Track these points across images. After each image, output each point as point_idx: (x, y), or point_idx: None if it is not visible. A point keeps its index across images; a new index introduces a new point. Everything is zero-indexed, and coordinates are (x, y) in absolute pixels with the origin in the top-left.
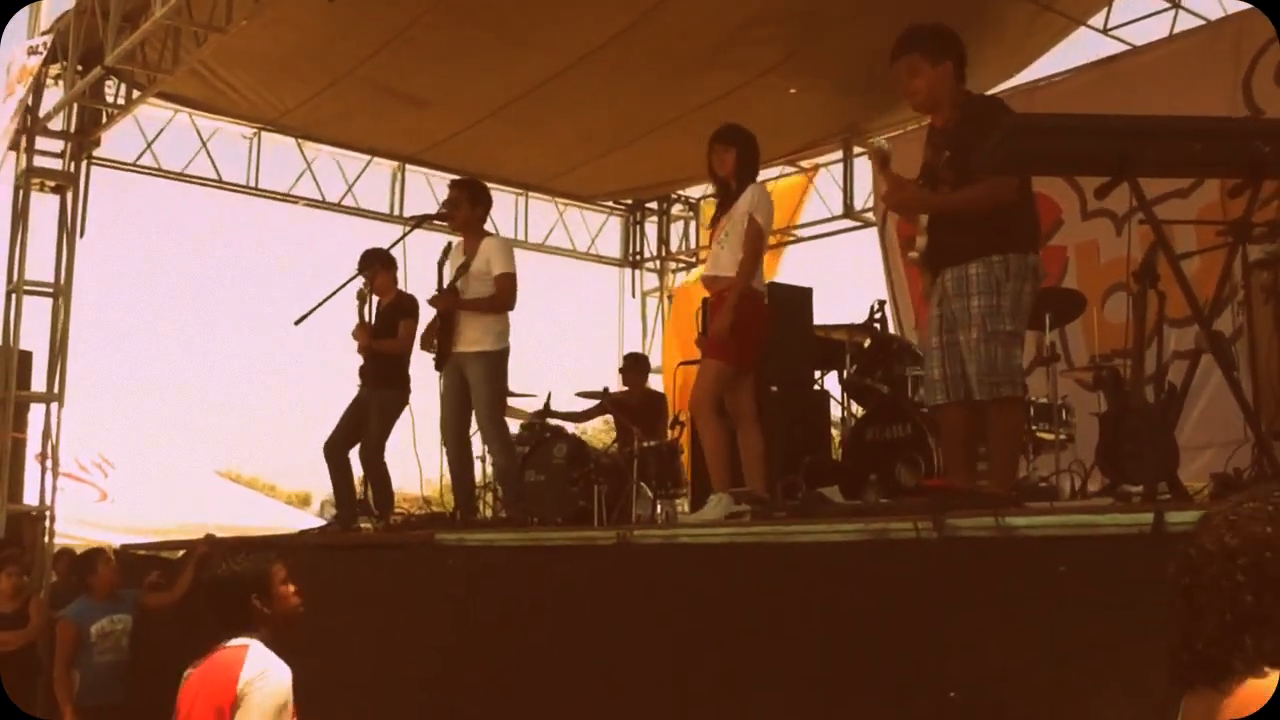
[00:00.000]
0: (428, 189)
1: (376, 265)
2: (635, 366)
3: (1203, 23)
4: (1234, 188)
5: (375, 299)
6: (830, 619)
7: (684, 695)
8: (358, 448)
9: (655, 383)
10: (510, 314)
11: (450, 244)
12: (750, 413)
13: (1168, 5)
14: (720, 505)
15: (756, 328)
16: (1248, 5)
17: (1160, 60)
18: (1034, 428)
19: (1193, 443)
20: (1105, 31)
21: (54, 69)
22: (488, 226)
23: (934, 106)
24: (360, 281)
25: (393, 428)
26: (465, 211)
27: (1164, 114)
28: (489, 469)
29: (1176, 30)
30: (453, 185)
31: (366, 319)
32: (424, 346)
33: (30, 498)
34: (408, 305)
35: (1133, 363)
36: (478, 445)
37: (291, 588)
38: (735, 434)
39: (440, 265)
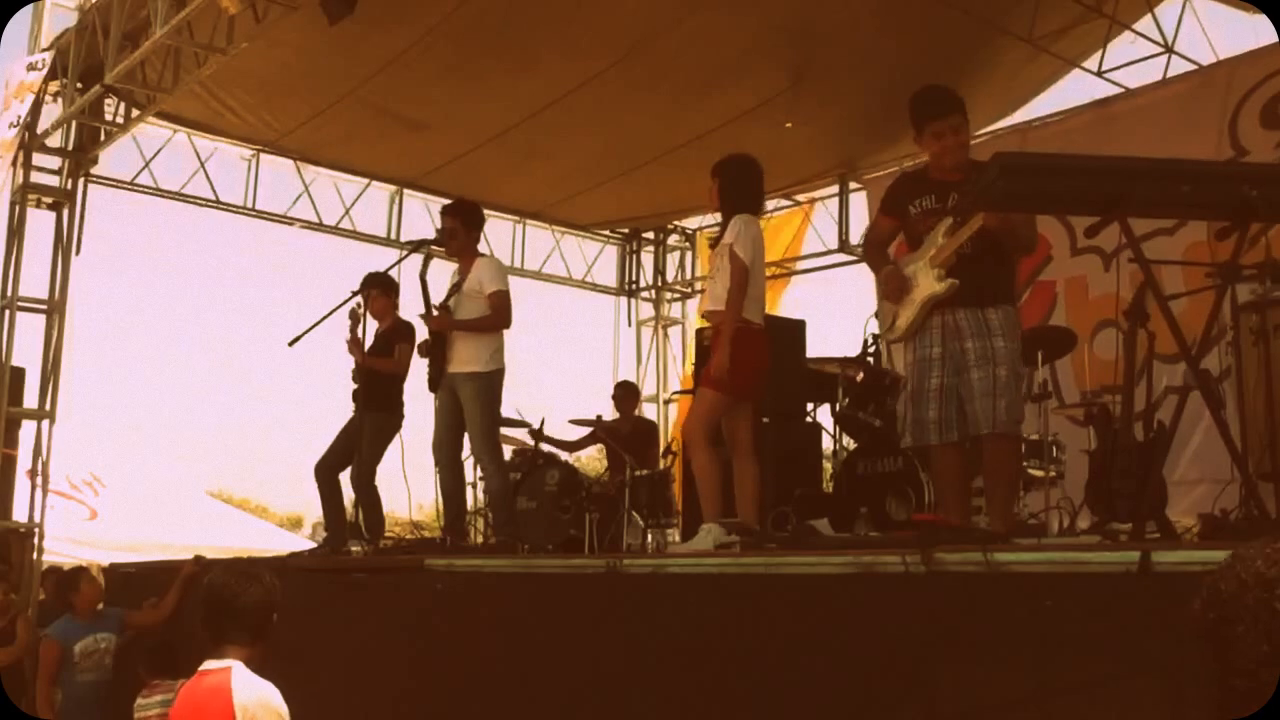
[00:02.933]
0: (425, 213)
1: (376, 288)
2: (627, 395)
3: (1195, 68)
4: (1221, 230)
5: (373, 322)
6: (818, 651)
7: None
8: (349, 470)
9: (650, 411)
10: (505, 336)
11: (428, 258)
12: (747, 444)
13: (1161, 50)
14: (711, 535)
15: (754, 359)
16: (1239, 51)
17: (1152, 103)
18: (1025, 464)
19: (1187, 477)
20: (1099, 74)
21: (53, 86)
22: (483, 249)
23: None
24: (355, 301)
25: (384, 451)
26: (461, 237)
27: (1154, 156)
28: (480, 494)
29: (1169, 74)
30: (444, 212)
31: (360, 337)
32: (422, 354)
33: (20, 514)
34: (405, 331)
35: (1123, 401)
36: (470, 469)
37: None
38: (727, 464)
39: (421, 277)
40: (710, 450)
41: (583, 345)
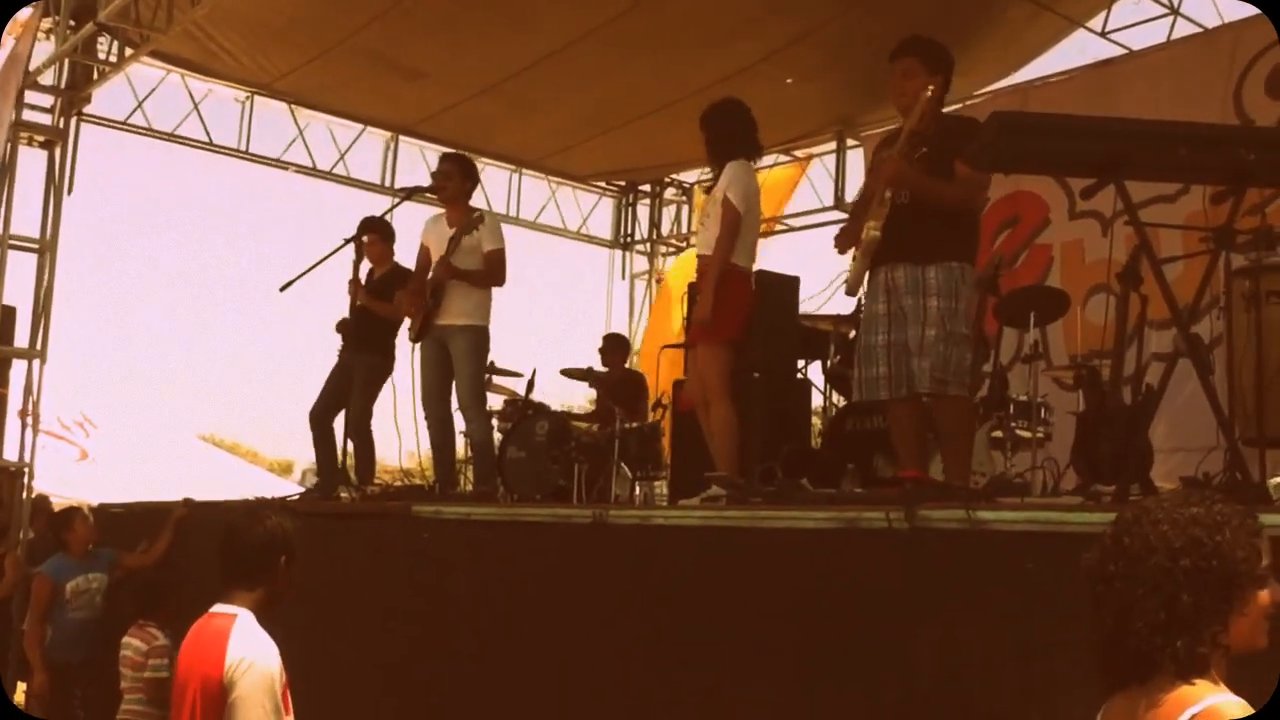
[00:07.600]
0: (420, 160)
1: (375, 233)
2: (615, 346)
3: (1200, 30)
4: (1217, 194)
5: (368, 266)
6: (801, 604)
7: (654, 673)
8: (343, 415)
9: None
10: (495, 291)
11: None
12: (720, 390)
13: (1166, 11)
14: None
15: (736, 303)
16: (1244, 15)
17: (1156, 65)
18: (1013, 425)
19: (1172, 442)
20: (1103, 34)
21: (46, 23)
22: (480, 201)
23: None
24: (351, 249)
25: (378, 394)
26: (456, 185)
27: (1152, 118)
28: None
29: (1174, 36)
30: (444, 159)
31: (358, 277)
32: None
33: (10, 454)
34: (405, 278)
35: (1112, 364)
36: (460, 419)
37: None
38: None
39: (453, 239)
40: (733, 405)
41: (576, 297)
